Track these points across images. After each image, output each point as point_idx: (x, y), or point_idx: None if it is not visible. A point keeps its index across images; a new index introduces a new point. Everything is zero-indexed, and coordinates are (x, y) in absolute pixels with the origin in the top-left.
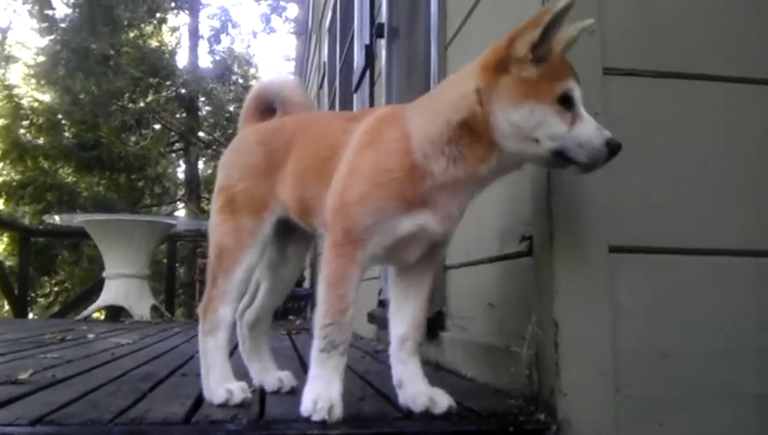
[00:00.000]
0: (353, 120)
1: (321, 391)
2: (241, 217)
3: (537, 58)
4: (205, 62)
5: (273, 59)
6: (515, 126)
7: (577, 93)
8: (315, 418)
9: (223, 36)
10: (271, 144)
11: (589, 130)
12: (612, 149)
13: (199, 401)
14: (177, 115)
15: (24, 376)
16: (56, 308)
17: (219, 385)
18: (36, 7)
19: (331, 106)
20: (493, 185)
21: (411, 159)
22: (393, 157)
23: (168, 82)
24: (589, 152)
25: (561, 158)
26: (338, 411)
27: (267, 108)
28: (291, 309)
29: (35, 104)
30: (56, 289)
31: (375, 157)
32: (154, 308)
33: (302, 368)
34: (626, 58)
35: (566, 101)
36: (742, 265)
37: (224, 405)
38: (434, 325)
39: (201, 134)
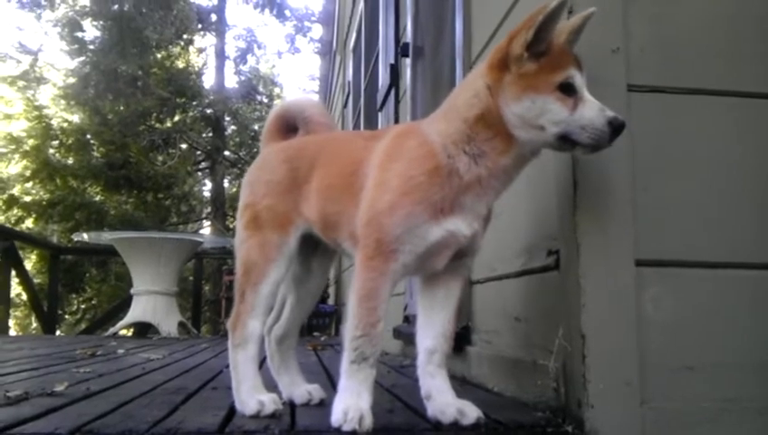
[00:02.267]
0: (374, 138)
1: (352, 402)
2: (266, 233)
3: (535, 53)
4: (231, 82)
5: (298, 78)
6: (520, 117)
7: (578, 79)
8: (346, 428)
9: (248, 57)
10: (294, 162)
11: (591, 113)
12: (615, 128)
13: (231, 412)
14: (204, 135)
15: (59, 388)
16: (83, 326)
17: (251, 397)
18: (67, 30)
19: (356, 124)
20: (519, 199)
21: (435, 161)
22: (415, 163)
23: (194, 102)
24: (591, 133)
25: (566, 141)
26: (368, 422)
27: (289, 127)
28: (315, 325)
29: (65, 125)
30: (83, 306)
31: (398, 167)
32: (181, 324)
33: (329, 382)
34: (650, 75)
35: (567, 88)
36: None
37: (255, 416)
38: (460, 340)
39: (227, 153)
